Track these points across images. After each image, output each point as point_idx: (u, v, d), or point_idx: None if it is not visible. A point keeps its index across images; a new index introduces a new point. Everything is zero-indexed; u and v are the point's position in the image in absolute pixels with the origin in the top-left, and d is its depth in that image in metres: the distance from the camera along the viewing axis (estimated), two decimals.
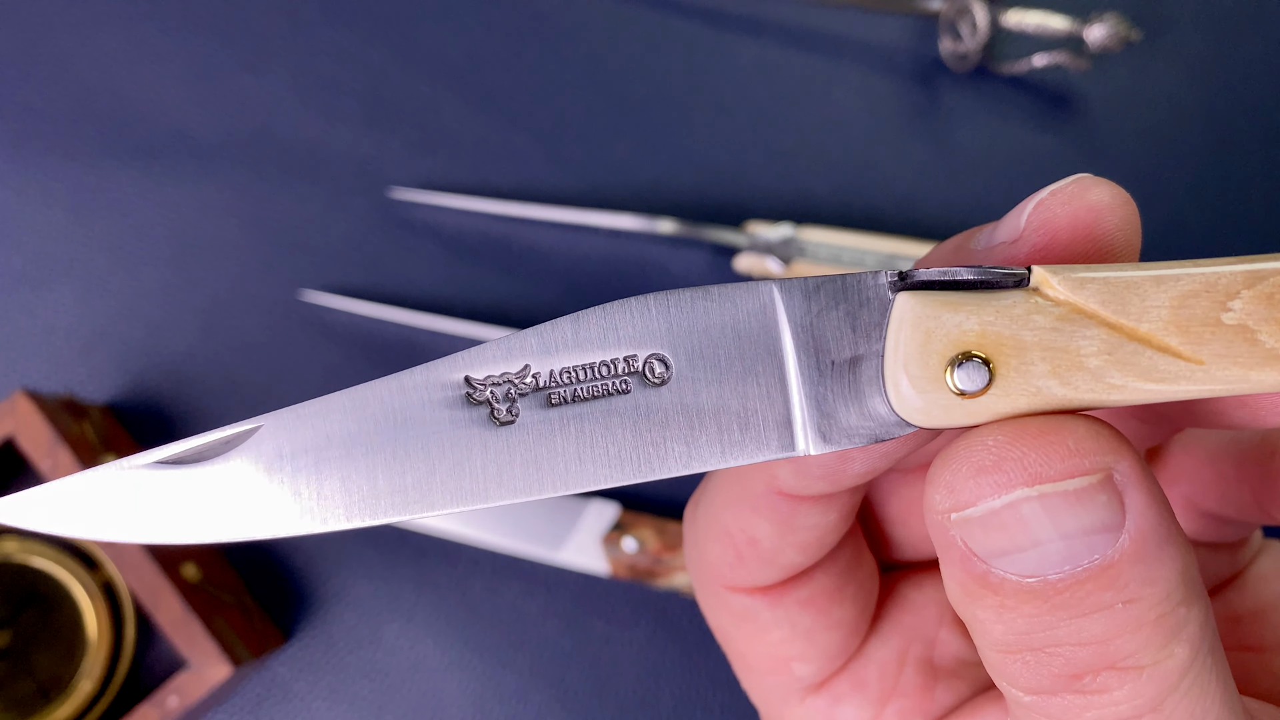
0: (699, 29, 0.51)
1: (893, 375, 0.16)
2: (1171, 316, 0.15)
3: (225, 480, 0.17)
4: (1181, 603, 0.15)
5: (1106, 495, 0.15)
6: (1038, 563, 0.15)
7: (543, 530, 0.44)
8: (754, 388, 0.16)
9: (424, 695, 0.44)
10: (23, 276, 0.47)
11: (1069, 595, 0.15)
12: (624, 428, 0.16)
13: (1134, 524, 0.15)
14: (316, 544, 0.45)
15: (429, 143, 0.49)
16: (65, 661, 0.41)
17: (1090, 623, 0.15)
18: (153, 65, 0.49)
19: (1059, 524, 0.15)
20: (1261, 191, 0.49)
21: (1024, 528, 0.15)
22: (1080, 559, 0.15)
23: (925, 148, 0.49)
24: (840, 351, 0.16)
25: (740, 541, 0.21)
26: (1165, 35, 0.50)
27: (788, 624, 0.22)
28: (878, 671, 0.23)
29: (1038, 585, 0.15)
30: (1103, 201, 0.16)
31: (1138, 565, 0.15)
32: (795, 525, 0.20)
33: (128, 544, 0.39)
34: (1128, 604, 0.15)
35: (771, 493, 0.20)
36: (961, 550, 0.16)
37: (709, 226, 0.46)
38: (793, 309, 0.16)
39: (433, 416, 0.16)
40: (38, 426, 0.39)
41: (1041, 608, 0.15)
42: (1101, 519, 0.15)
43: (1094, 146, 0.49)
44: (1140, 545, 0.15)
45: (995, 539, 0.16)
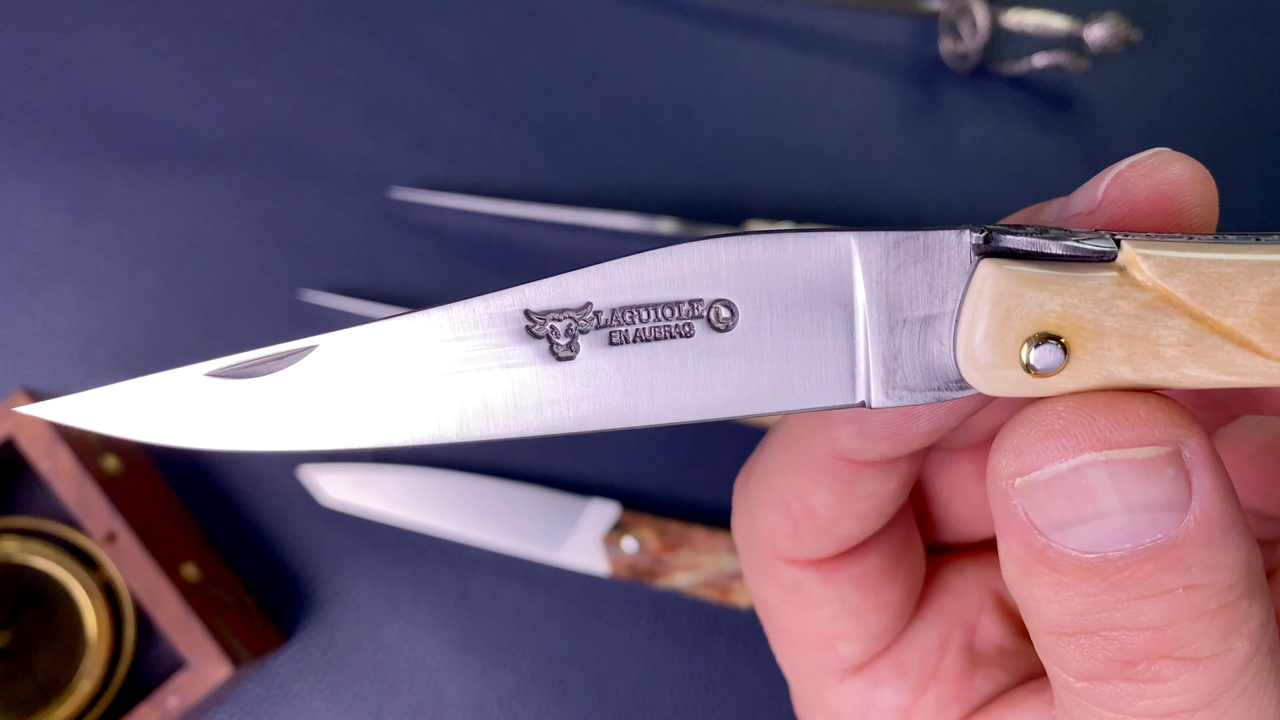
0: (699, 29, 0.51)
1: (965, 343, 0.16)
2: (1260, 313, 0.15)
3: (277, 393, 0.17)
4: (1244, 595, 0.15)
5: (1174, 470, 0.15)
6: (1099, 537, 0.15)
7: (543, 530, 0.44)
8: (821, 339, 0.16)
9: (424, 695, 0.44)
10: (23, 276, 0.47)
11: (1129, 574, 0.15)
12: (684, 370, 0.16)
13: (1200, 505, 0.15)
14: (317, 544, 0.45)
15: (429, 143, 0.49)
16: (65, 661, 0.41)
17: (1149, 606, 0.15)
18: (153, 65, 0.49)
19: (1124, 494, 0.15)
20: (1262, 191, 0.49)
21: (1089, 495, 0.15)
22: (1143, 536, 0.15)
23: (925, 148, 0.49)
24: (914, 310, 0.16)
25: (796, 510, 0.20)
26: (1165, 35, 0.50)
27: (838, 601, 0.22)
28: (919, 656, 0.23)
29: (1097, 562, 0.15)
30: (1184, 175, 0.16)
31: (1202, 549, 0.15)
32: (854, 494, 0.20)
33: (173, 450, 0.39)
34: (1189, 590, 0.15)
35: (833, 458, 0.19)
36: (1022, 522, 0.16)
37: (709, 226, 0.46)
38: (870, 263, 0.16)
39: (491, 346, 0.16)
40: (38, 426, 0.39)
41: (1100, 586, 0.15)
42: (1167, 495, 0.15)
43: (1094, 146, 0.49)
44: (1206, 528, 0.15)
45: (1058, 507, 0.15)
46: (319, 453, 0.46)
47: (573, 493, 0.44)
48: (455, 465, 0.45)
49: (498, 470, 0.45)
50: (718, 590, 0.43)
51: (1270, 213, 0.48)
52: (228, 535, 0.45)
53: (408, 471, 0.44)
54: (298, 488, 0.45)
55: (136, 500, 0.41)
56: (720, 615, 0.44)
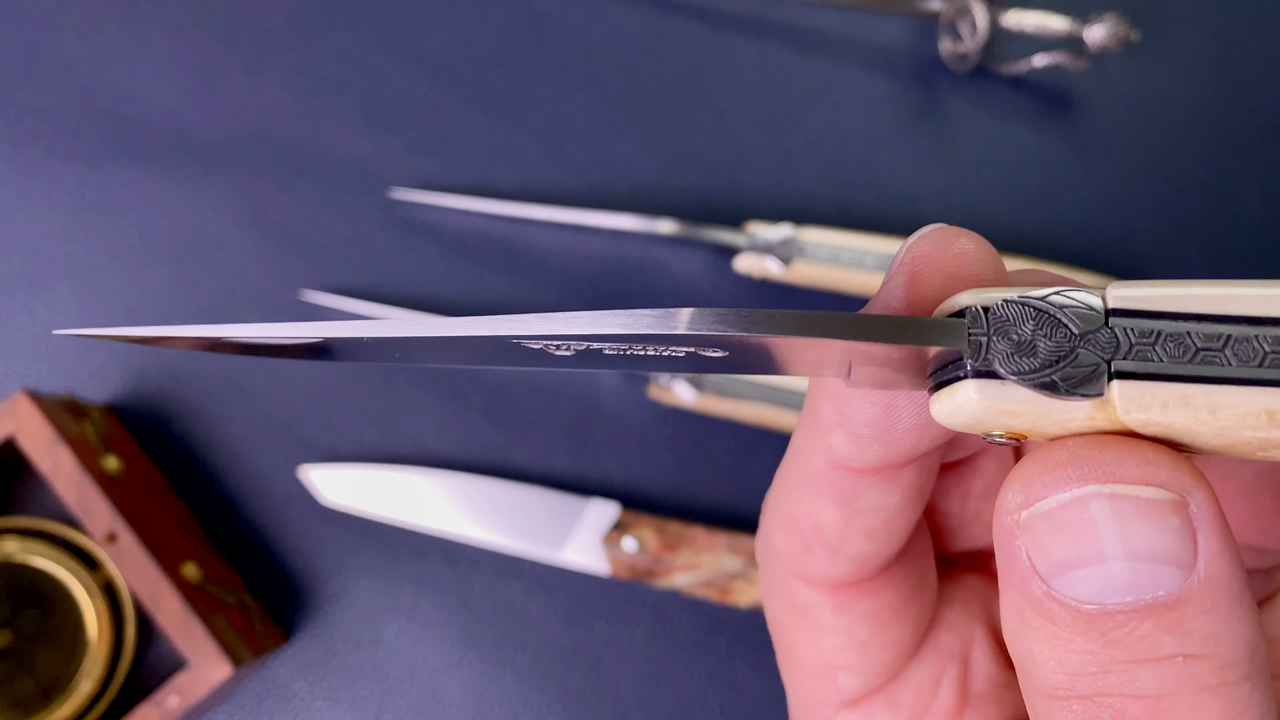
0: (699, 29, 0.51)
1: (936, 411, 0.16)
2: (1225, 449, 0.15)
3: None
4: (1247, 678, 0.15)
5: (1179, 521, 0.15)
6: (1100, 584, 0.15)
7: (543, 530, 0.44)
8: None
9: (424, 695, 0.44)
10: (23, 276, 0.47)
11: (1128, 631, 0.15)
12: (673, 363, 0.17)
13: (1205, 567, 0.14)
14: (317, 544, 0.45)
15: (429, 143, 0.49)
16: (65, 661, 0.41)
17: (1147, 672, 0.14)
18: (153, 65, 0.49)
19: (1127, 536, 0.15)
20: (1261, 191, 0.49)
21: (1091, 531, 0.15)
22: (1145, 590, 0.14)
23: (925, 148, 0.49)
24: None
25: (805, 528, 0.20)
26: (1165, 35, 0.50)
27: (846, 633, 0.22)
28: (914, 693, 0.23)
29: (1096, 614, 0.15)
30: (968, 249, 0.17)
31: (1204, 614, 0.14)
32: (859, 506, 0.20)
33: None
34: (1188, 659, 0.14)
35: (832, 468, 0.19)
36: (1024, 567, 0.15)
37: (709, 226, 0.46)
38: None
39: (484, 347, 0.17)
40: (38, 426, 0.39)
41: (1097, 643, 0.15)
42: (1171, 546, 0.14)
43: (1094, 146, 0.49)
44: (1210, 592, 0.14)
45: (1061, 545, 0.15)
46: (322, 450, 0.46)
47: (573, 493, 0.44)
48: (455, 465, 0.45)
49: (498, 470, 0.45)
50: (718, 590, 0.43)
51: (1270, 213, 0.48)
52: (228, 535, 0.45)
53: (408, 471, 0.44)
54: (298, 488, 0.45)
55: (137, 500, 0.41)
56: (720, 615, 0.44)
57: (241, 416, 0.46)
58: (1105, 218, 0.48)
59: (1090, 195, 0.49)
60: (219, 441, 0.46)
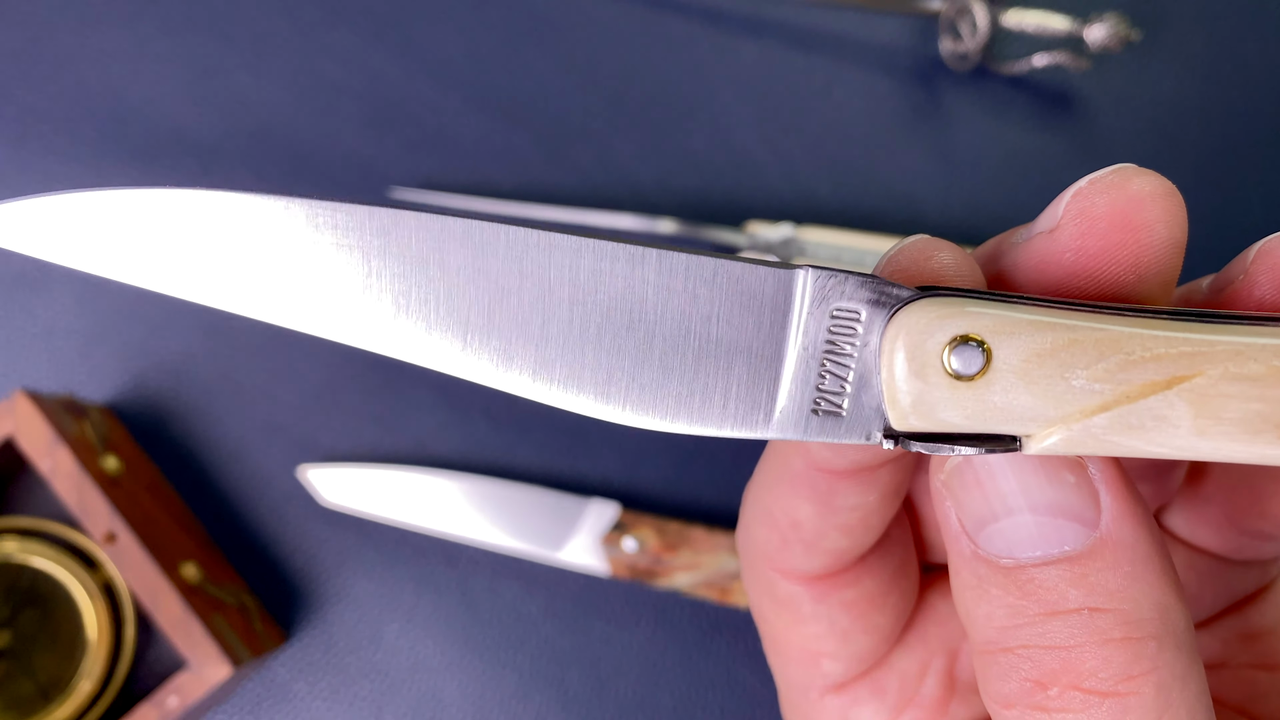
0: (699, 29, 0.51)
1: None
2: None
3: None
4: (1153, 637, 0.15)
5: (1075, 478, 0.15)
6: (1011, 539, 0.16)
7: (543, 530, 0.44)
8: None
9: (424, 695, 0.44)
10: (23, 276, 0.47)
11: (1039, 584, 0.15)
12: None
13: (1108, 524, 0.15)
14: (317, 544, 0.45)
15: (429, 143, 0.49)
16: (65, 662, 0.41)
17: (1058, 624, 0.15)
18: (153, 65, 0.49)
19: (1027, 490, 0.16)
20: (1262, 191, 0.49)
21: (994, 484, 0.16)
22: (1051, 544, 0.15)
23: (925, 147, 0.49)
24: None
25: (784, 524, 0.21)
26: (1165, 35, 0.50)
27: (826, 620, 0.22)
28: (898, 680, 0.23)
29: (1013, 567, 0.16)
30: (1144, 191, 0.16)
31: (1108, 571, 0.15)
32: (835, 505, 0.20)
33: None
34: (1094, 612, 0.15)
35: (809, 469, 0.20)
36: (955, 527, 0.16)
37: (709, 226, 0.46)
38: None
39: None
40: (38, 426, 0.39)
41: (1015, 595, 0.16)
42: (1070, 503, 0.15)
43: (1094, 146, 0.49)
44: (1112, 550, 0.15)
45: (974, 499, 0.16)
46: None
47: (573, 493, 0.44)
48: (455, 465, 0.45)
49: (498, 470, 0.45)
50: (718, 590, 0.43)
51: (1271, 214, 0.48)
52: (228, 535, 0.45)
53: (408, 471, 0.44)
54: (298, 488, 0.45)
55: (137, 500, 0.41)
56: (720, 615, 0.44)
57: (241, 416, 0.46)
58: None
59: None
60: (219, 441, 0.46)
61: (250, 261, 0.16)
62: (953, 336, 0.15)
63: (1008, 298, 0.16)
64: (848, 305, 0.16)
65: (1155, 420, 0.15)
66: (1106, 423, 0.15)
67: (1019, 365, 0.15)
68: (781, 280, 0.16)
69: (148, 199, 0.16)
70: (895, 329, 0.16)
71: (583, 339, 0.16)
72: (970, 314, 0.15)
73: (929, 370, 0.15)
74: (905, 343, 0.15)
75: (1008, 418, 0.15)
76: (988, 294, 0.16)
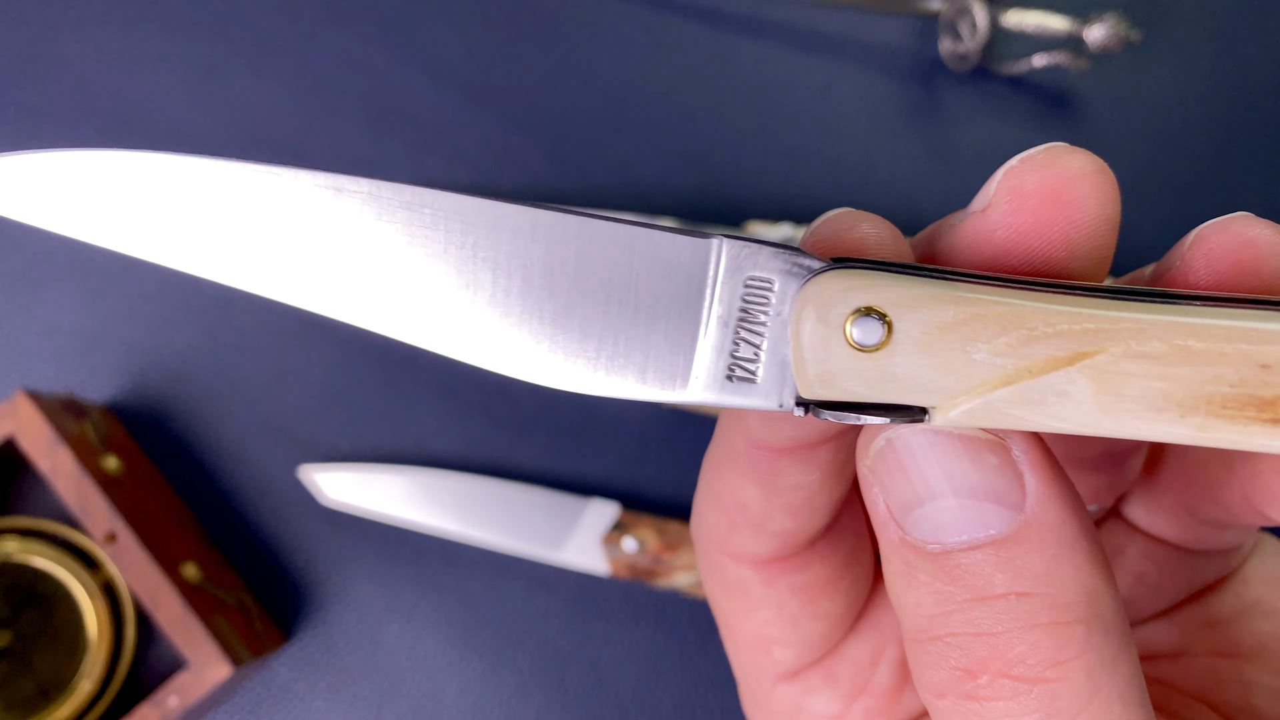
0: (699, 29, 0.51)
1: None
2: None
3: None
4: (1080, 621, 0.15)
5: (998, 459, 0.15)
6: (936, 523, 0.16)
7: (543, 530, 0.44)
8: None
9: (424, 695, 0.44)
10: (23, 276, 0.47)
11: (965, 569, 0.15)
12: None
13: (1032, 508, 0.15)
14: (317, 544, 0.45)
15: (429, 143, 0.49)
16: (65, 661, 0.41)
17: (985, 609, 0.15)
18: (153, 65, 0.49)
19: (949, 473, 0.16)
20: (1262, 191, 0.49)
21: (917, 467, 0.16)
22: (976, 528, 0.15)
23: (925, 148, 0.49)
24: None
25: (730, 506, 0.21)
26: (1165, 35, 0.50)
27: (775, 605, 0.22)
28: (850, 669, 0.23)
29: (939, 553, 0.16)
30: (1074, 168, 0.16)
31: (1033, 554, 0.15)
32: (779, 485, 0.20)
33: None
34: (1020, 597, 0.15)
35: (750, 448, 0.20)
36: (883, 514, 0.16)
37: (709, 226, 0.46)
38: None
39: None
40: (38, 426, 0.39)
41: (943, 581, 0.16)
42: (994, 485, 0.15)
43: (1094, 146, 0.49)
44: (1038, 532, 0.15)
45: (898, 482, 0.16)
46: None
47: (573, 493, 0.44)
48: (455, 465, 0.45)
49: (498, 470, 0.45)
50: None
51: (1271, 213, 0.48)
52: (228, 535, 0.45)
53: (408, 471, 0.44)
54: (298, 488, 0.45)
55: (137, 500, 0.41)
56: None
57: (241, 416, 0.46)
58: None
59: None
60: (219, 441, 0.46)
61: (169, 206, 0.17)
62: (855, 308, 0.15)
63: (917, 270, 0.16)
64: (761, 274, 0.16)
65: (1058, 396, 0.15)
66: (1009, 397, 0.15)
67: (919, 337, 0.15)
68: (698, 249, 0.16)
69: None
70: (803, 299, 0.16)
71: (506, 302, 0.16)
72: (873, 286, 0.16)
73: (832, 341, 0.16)
74: (811, 313, 0.16)
75: (910, 389, 0.15)
76: (896, 266, 0.16)
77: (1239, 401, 0.15)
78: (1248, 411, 0.15)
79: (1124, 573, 0.23)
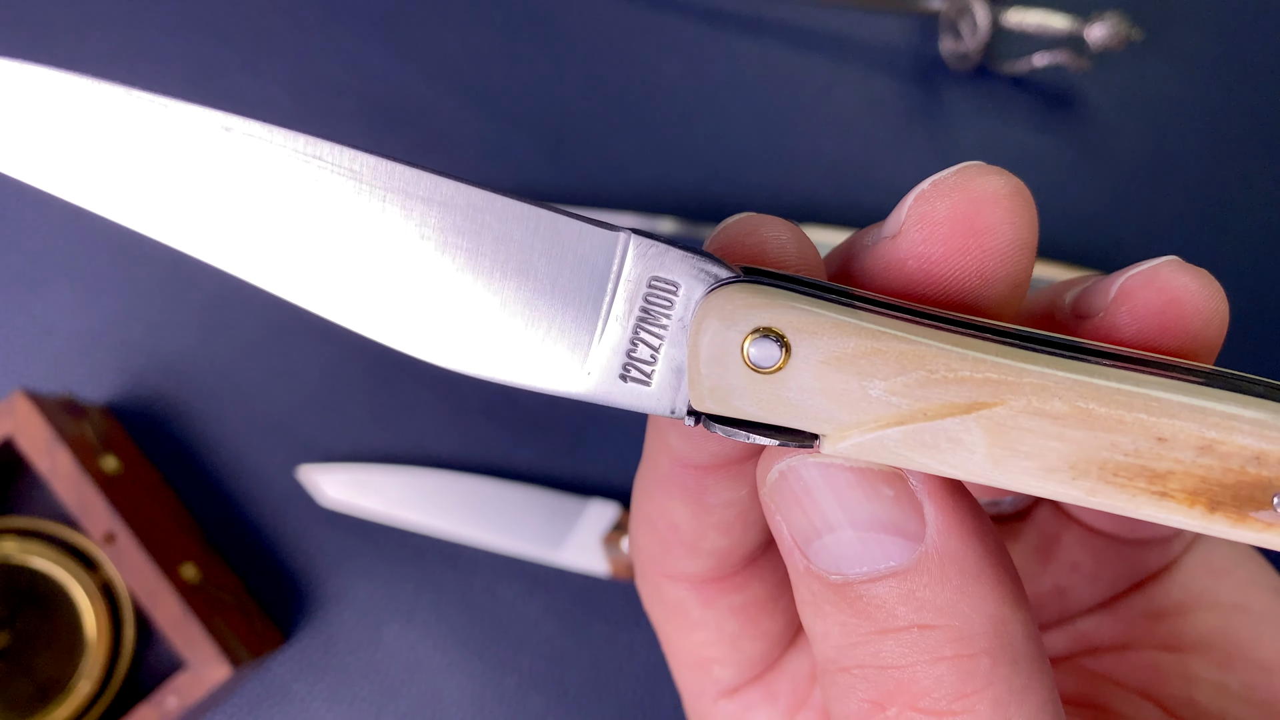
0: (699, 29, 0.50)
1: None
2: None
3: None
4: (986, 653, 0.15)
5: (894, 491, 0.15)
6: (837, 554, 0.15)
7: (543, 531, 0.44)
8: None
9: (423, 696, 0.44)
10: (22, 276, 0.47)
11: (868, 601, 0.15)
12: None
13: (933, 539, 0.15)
14: (316, 544, 0.45)
15: (429, 143, 0.49)
16: (64, 662, 0.41)
17: (890, 642, 0.15)
18: (152, 65, 0.49)
19: (845, 506, 0.15)
20: (1262, 191, 0.49)
21: (812, 500, 0.15)
22: (877, 560, 0.15)
23: (926, 147, 0.49)
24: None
25: (663, 528, 0.21)
26: (1166, 35, 0.50)
27: (714, 626, 0.22)
28: (790, 685, 0.23)
29: (841, 584, 0.15)
30: (987, 192, 0.15)
31: (934, 585, 0.15)
32: (708, 503, 0.20)
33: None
34: (924, 629, 0.15)
35: (675, 466, 0.19)
36: (787, 542, 0.16)
37: (709, 226, 0.46)
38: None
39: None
40: (37, 426, 0.39)
41: (848, 613, 0.15)
42: (891, 517, 0.15)
43: (1094, 146, 0.49)
44: (939, 564, 0.15)
45: (795, 514, 0.16)
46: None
47: (573, 493, 0.44)
48: (455, 465, 0.45)
49: (498, 470, 0.45)
50: None
51: (1272, 212, 0.48)
52: (227, 535, 0.45)
53: (408, 471, 0.44)
54: (297, 488, 0.45)
55: (136, 500, 0.41)
56: None
57: (241, 416, 0.46)
58: (1106, 217, 0.48)
59: (1091, 195, 0.49)
60: (218, 442, 0.46)
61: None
62: (756, 327, 0.15)
63: (825, 291, 0.15)
64: (667, 276, 0.16)
65: (950, 443, 0.15)
66: (900, 436, 0.15)
67: (816, 366, 0.15)
68: (603, 242, 0.16)
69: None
70: (704, 310, 0.15)
71: (423, 279, 0.16)
72: (777, 307, 0.15)
73: (729, 358, 0.15)
74: (712, 324, 0.15)
75: (801, 415, 0.15)
76: (807, 284, 0.16)
77: (1131, 471, 0.14)
78: (1138, 482, 0.14)
79: (1059, 561, 0.22)
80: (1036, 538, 0.23)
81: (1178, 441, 0.14)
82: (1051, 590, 0.22)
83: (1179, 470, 0.14)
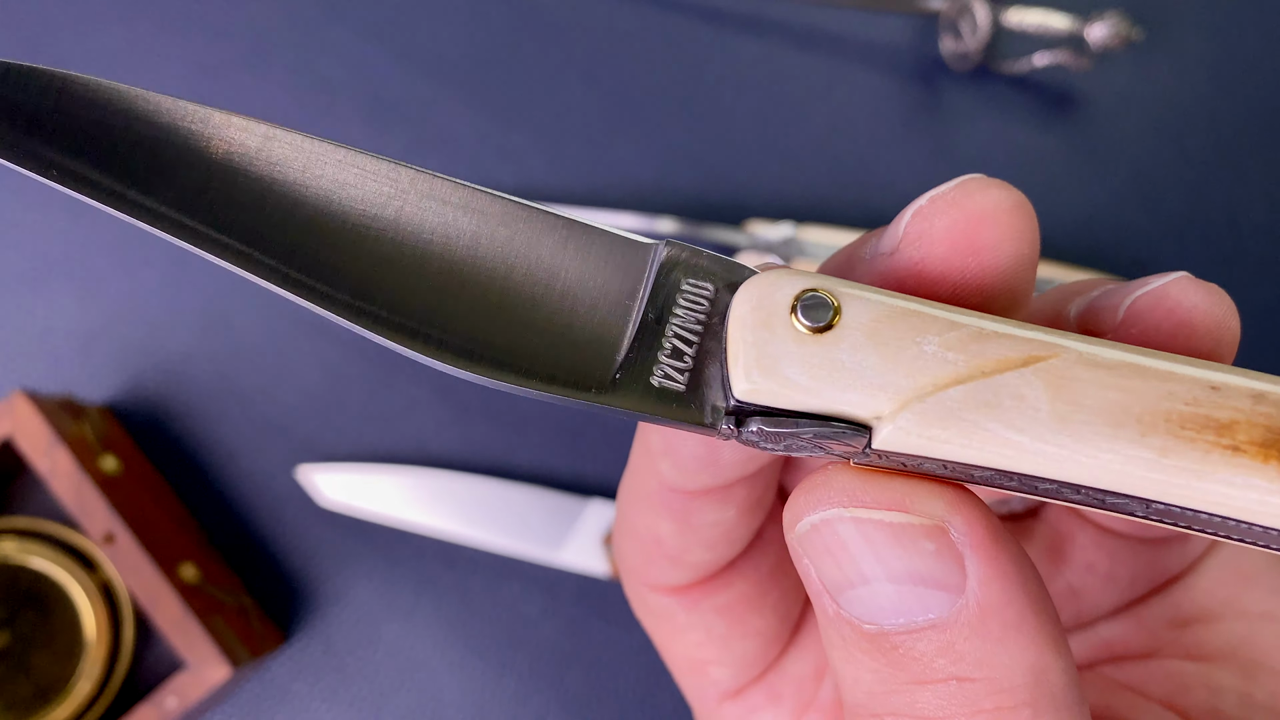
0: (699, 29, 0.50)
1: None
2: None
3: None
4: (1027, 704, 0.14)
5: (935, 545, 0.14)
6: (871, 606, 0.15)
7: (543, 531, 0.44)
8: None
9: (423, 696, 0.44)
10: (22, 276, 0.47)
11: (904, 653, 0.15)
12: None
13: (974, 591, 0.14)
14: (315, 544, 0.45)
15: (429, 143, 0.49)
16: (63, 663, 0.41)
17: (927, 694, 0.15)
18: (152, 65, 0.49)
19: (883, 560, 0.15)
20: (1263, 191, 0.49)
21: (846, 554, 0.15)
22: (914, 612, 0.14)
23: (925, 147, 0.49)
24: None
25: (646, 540, 0.20)
26: (1167, 35, 0.50)
27: (703, 628, 0.21)
28: (794, 686, 0.23)
29: (876, 634, 0.15)
30: (985, 209, 0.15)
31: (974, 639, 0.14)
32: (694, 523, 0.20)
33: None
34: (962, 682, 0.14)
35: (663, 489, 0.19)
36: (816, 585, 0.15)
37: (709, 226, 0.46)
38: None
39: None
40: (36, 427, 0.39)
41: (881, 662, 0.15)
42: (932, 571, 0.14)
43: (1094, 146, 0.49)
44: (980, 618, 0.14)
45: (827, 565, 0.15)
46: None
47: (573, 493, 0.44)
48: (455, 465, 0.45)
49: (498, 470, 0.45)
50: None
51: (1273, 212, 0.48)
52: (227, 535, 0.45)
53: (407, 471, 0.44)
54: (296, 488, 0.45)
55: (135, 501, 0.41)
56: None
57: (240, 416, 0.46)
58: (1107, 217, 0.48)
59: (1092, 195, 0.48)
60: (217, 442, 0.46)
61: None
62: (802, 289, 0.15)
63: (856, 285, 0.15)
64: (699, 281, 0.16)
65: (1013, 399, 0.14)
66: (961, 397, 0.14)
67: (868, 323, 0.14)
68: (637, 251, 0.16)
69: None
70: (744, 291, 0.15)
71: (454, 291, 0.16)
72: (820, 278, 0.15)
73: (776, 320, 0.15)
74: (752, 294, 0.15)
75: (855, 381, 0.14)
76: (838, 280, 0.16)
77: (1197, 422, 0.14)
78: (1206, 434, 0.14)
79: (1073, 562, 0.22)
80: (1049, 537, 0.22)
81: (1230, 390, 0.14)
82: (1065, 591, 0.22)
83: (1242, 420, 0.14)
